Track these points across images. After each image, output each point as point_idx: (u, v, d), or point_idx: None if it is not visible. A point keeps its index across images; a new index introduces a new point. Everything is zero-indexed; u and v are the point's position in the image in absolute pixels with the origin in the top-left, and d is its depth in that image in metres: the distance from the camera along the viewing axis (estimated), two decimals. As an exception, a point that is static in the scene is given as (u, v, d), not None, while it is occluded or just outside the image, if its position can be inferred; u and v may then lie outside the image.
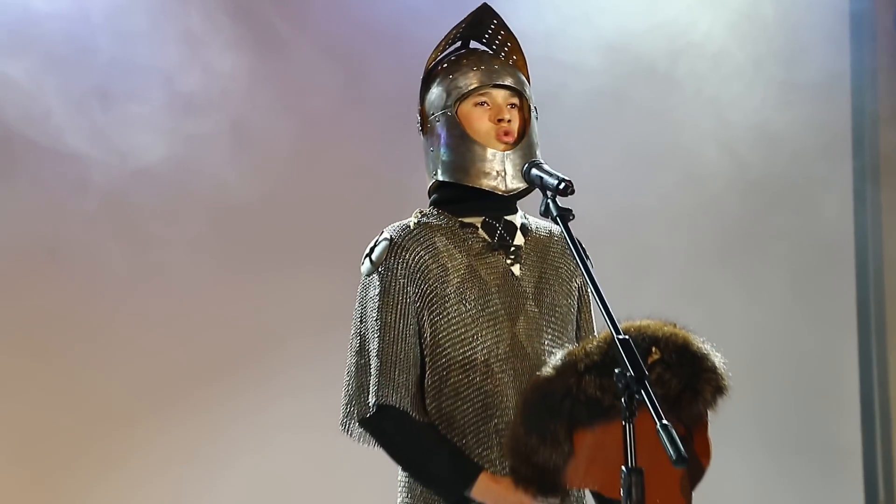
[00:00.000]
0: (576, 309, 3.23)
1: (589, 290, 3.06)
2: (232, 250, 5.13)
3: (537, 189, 3.05)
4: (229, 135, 4.95)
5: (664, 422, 2.47)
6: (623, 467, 2.57)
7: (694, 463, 2.91)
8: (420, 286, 3.07)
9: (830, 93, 5.34)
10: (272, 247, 5.13)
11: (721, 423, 2.95)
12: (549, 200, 2.94)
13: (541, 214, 3.01)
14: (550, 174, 2.99)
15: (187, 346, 5.02)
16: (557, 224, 2.95)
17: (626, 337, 2.64)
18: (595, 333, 3.16)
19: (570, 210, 2.93)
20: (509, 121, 3.10)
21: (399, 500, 3.15)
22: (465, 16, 3.19)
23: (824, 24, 5.31)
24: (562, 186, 2.92)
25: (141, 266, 4.97)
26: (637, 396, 2.56)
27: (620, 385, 2.58)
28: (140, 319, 4.96)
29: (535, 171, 3.04)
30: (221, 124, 4.96)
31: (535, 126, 3.16)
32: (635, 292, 3.22)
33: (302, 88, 5.08)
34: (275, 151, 5.07)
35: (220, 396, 5.05)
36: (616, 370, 2.59)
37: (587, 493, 3.14)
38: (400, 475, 3.17)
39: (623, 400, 2.57)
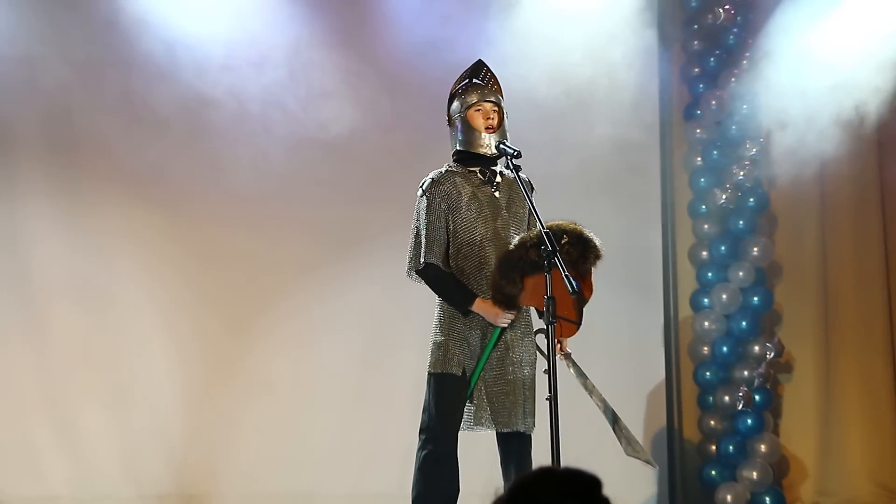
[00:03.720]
0: (528, 215, 4.49)
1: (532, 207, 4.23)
2: (338, 173, 6.42)
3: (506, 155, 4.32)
4: (337, 106, 6.07)
5: (566, 273, 3.94)
6: (545, 296, 4.04)
7: (582, 296, 4.26)
8: (447, 202, 4.37)
9: (646, 106, 6.53)
10: (362, 176, 6.51)
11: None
12: (509, 160, 4.30)
13: (505, 168, 4.39)
14: (510, 147, 4.31)
15: (306, 233, 6.37)
16: (512, 173, 4.32)
17: (548, 230, 4.07)
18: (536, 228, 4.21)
19: (520, 166, 4.32)
20: (492, 118, 4.41)
21: (434, 320, 4.38)
22: (470, 65, 4.49)
23: (647, 65, 6.48)
24: (514, 153, 4.28)
25: (294, 174, 6.32)
26: (552, 261, 4.01)
27: (545, 255, 4.03)
28: (301, 206, 6.34)
29: (501, 146, 4.34)
30: (333, 100, 6.07)
31: (507, 121, 4.46)
32: (554, 209, 4.26)
33: (385, 85, 6.37)
34: (369, 130, 6.27)
35: (335, 262, 6.43)
36: (542, 247, 4.05)
37: (532, 309, 4.43)
38: (435, 314, 4.35)
39: (545, 263, 4.04)
